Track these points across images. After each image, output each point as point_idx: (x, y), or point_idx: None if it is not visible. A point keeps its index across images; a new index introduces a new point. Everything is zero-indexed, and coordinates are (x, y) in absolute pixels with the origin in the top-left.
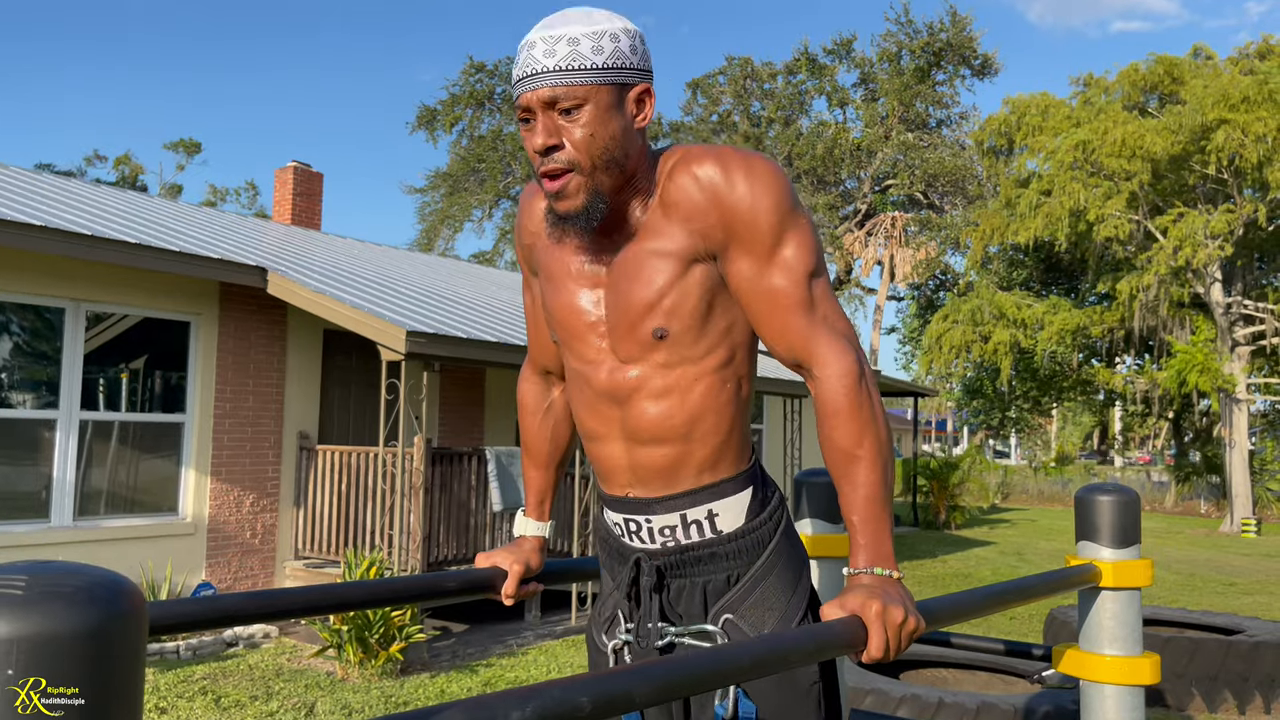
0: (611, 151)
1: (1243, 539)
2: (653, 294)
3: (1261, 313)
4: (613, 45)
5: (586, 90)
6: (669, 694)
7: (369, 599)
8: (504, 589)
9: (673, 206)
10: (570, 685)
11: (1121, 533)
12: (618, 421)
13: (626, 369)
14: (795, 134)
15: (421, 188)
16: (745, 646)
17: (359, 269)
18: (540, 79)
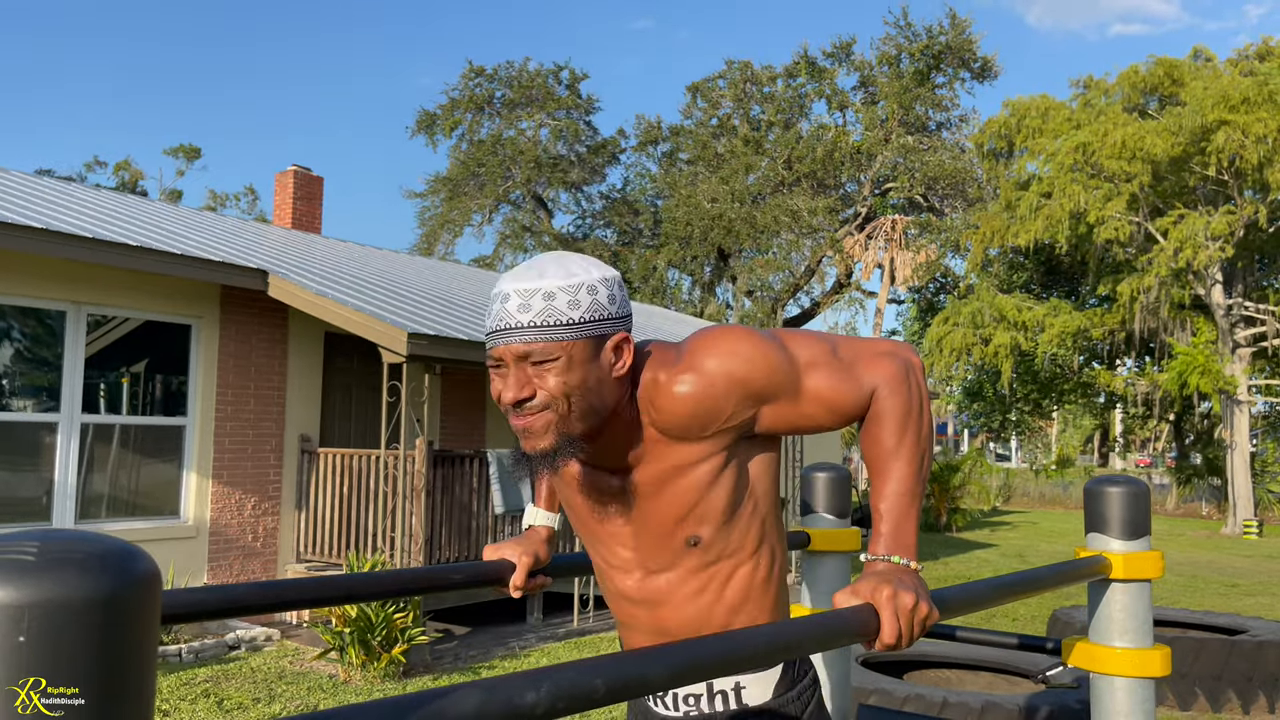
0: (587, 400)
1: (1244, 540)
2: (681, 508)
3: (1262, 314)
4: (590, 298)
5: (561, 346)
6: (683, 679)
7: (377, 590)
8: (513, 581)
9: (670, 430)
10: (584, 667)
11: (1131, 524)
12: (648, 620)
13: (657, 577)
14: (795, 137)
15: (421, 192)
16: (757, 633)
17: (360, 272)
18: (513, 334)
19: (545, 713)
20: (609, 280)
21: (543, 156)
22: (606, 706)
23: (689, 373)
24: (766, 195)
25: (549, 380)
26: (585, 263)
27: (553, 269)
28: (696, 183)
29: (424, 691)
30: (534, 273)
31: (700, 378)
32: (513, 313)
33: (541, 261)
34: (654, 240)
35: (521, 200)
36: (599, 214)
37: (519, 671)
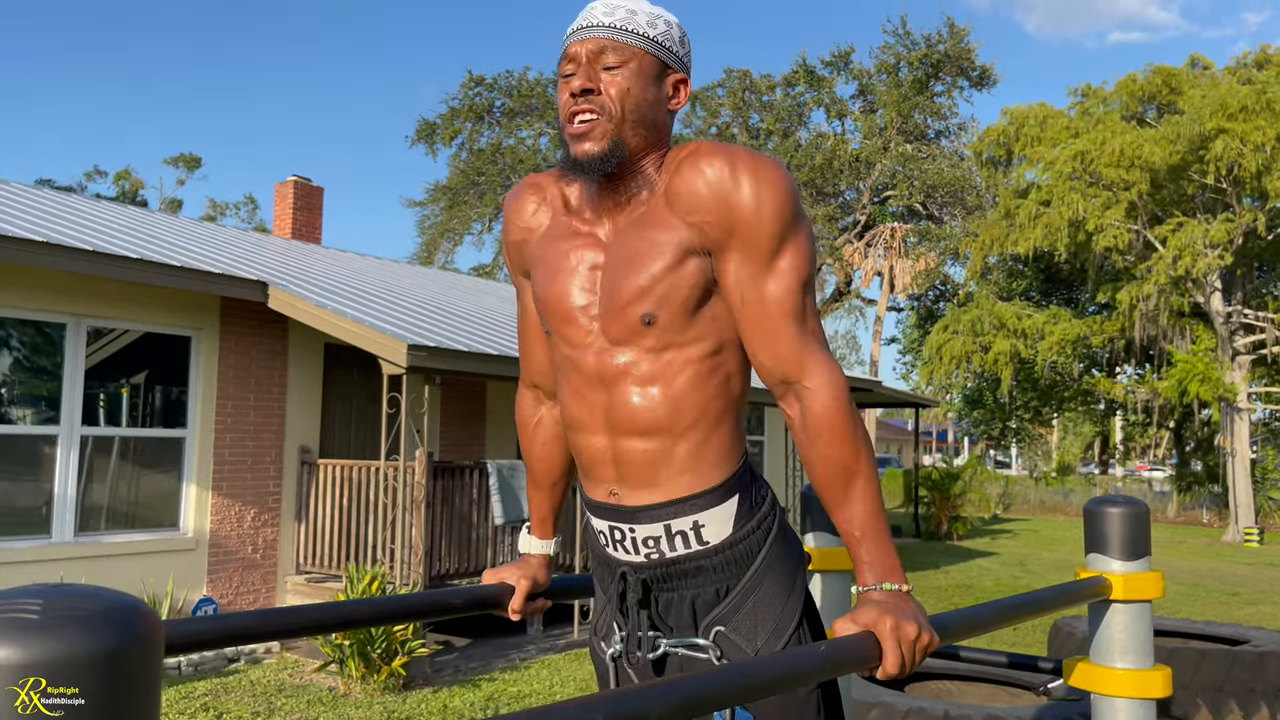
0: (643, 111)
1: (1245, 548)
2: (645, 280)
3: (1262, 322)
4: (665, 27)
5: (633, 51)
6: (686, 712)
7: (376, 616)
8: (511, 605)
9: (676, 197)
10: (586, 705)
11: (1131, 545)
12: (602, 409)
13: (615, 352)
14: (794, 145)
15: (421, 201)
16: (761, 664)
17: (360, 283)
18: (593, 30)
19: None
20: (682, 27)
21: (542, 165)
22: None
23: (723, 158)
24: None
25: (613, 84)
26: (664, 8)
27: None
28: None
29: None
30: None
31: (725, 167)
32: (598, 14)
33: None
34: None
35: None
36: None
37: (520, 712)
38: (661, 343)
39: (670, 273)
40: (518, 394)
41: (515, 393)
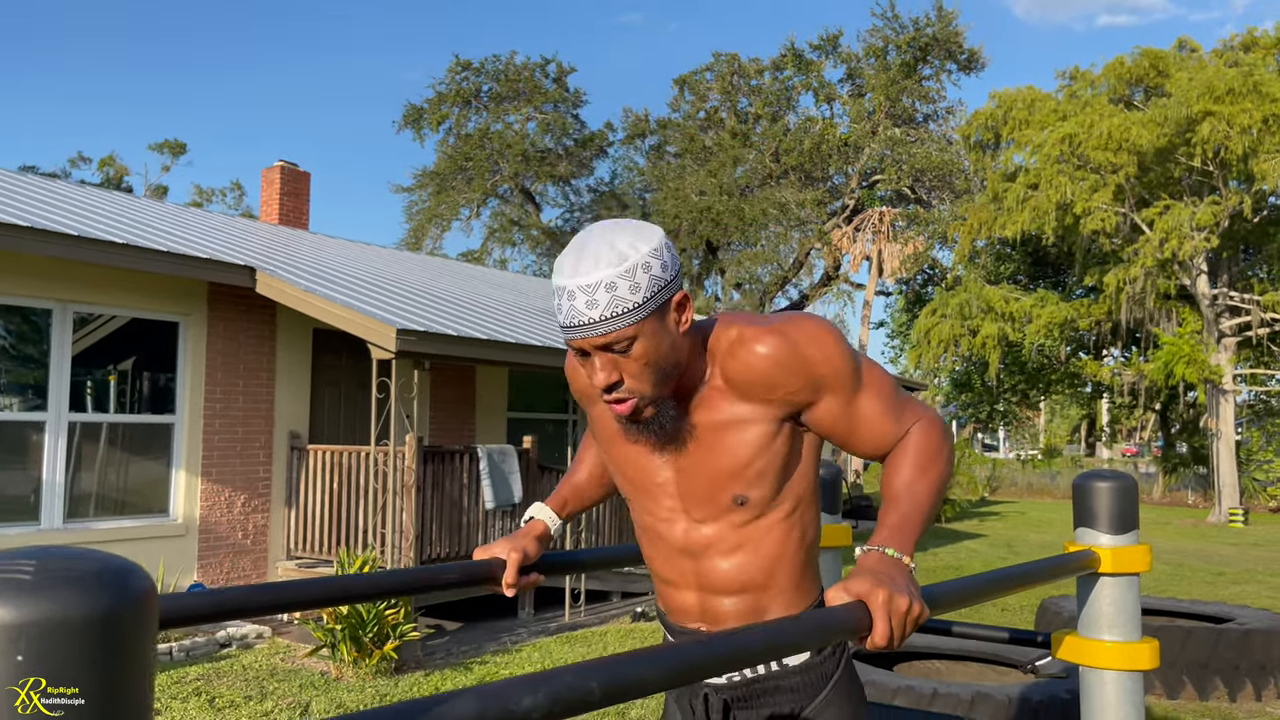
0: (665, 365)
1: (1230, 529)
2: (737, 463)
3: (1247, 304)
4: (646, 276)
5: (635, 329)
6: (680, 679)
7: (371, 591)
8: (505, 579)
9: (740, 382)
10: (581, 670)
11: (1120, 519)
12: (692, 574)
13: (701, 527)
14: (782, 130)
15: (409, 186)
16: (754, 631)
17: (348, 268)
18: (588, 329)
19: (542, 716)
20: (656, 249)
21: (530, 150)
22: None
23: (776, 337)
24: (754, 188)
25: (631, 360)
26: (632, 237)
27: (605, 255)
28: (684, 175)
29: (419, 699)
30: (588, 263)
31: (784, 344)
32: (582, 310)
33: (592, 248)
34: None
35: (509, 194)
36: (587, 207)
37: (515, 677)
38: (749, 516)
39: (765, 450)
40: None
41: (504, 376)
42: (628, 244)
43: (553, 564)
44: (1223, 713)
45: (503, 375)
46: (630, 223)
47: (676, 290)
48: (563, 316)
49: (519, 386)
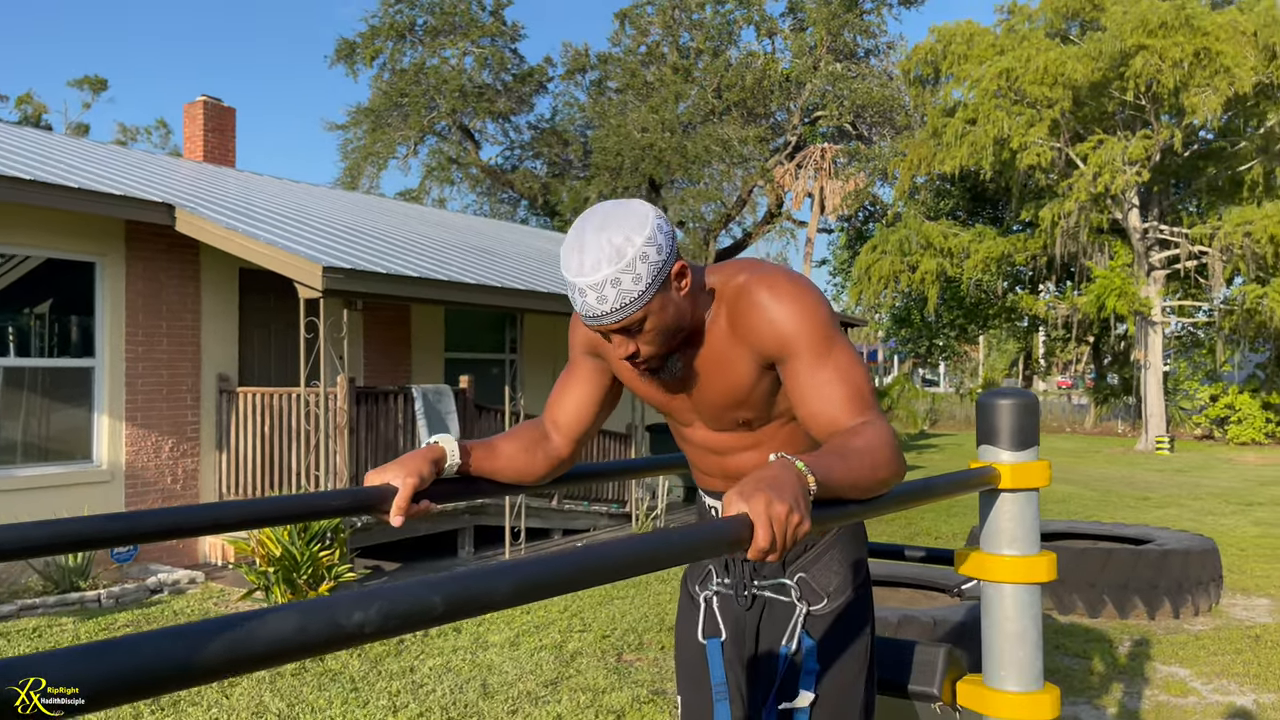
0: (674, 329)
1: (1157, 456)
2: (737, 395)
3: (1176, 237)
4: (645, 265)
5: (642, 311)
6: (533, 594)
7: (244, 519)
8: (395, 504)
9: (738, 328)
10: (424, 584)
11: (1020, 435)
12: (718, 467)
13: (721, 436)
14: (724, 65)
15: (343, 124)
16: (621, 546)
17: (275, 206)
18: (603, 319)
19: (375, 632)
20: (650, 236)
21: (468, 86)
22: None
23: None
24: (697, 124)
25: (645, 334)
26: (626, 230)
27: (606, 253)
28: (626, 112)
29: (238, 614)
30: (590, 263)
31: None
32: (594, 305)
33: (592, 248)
34: (584, 171)
35: (447, 131)
36: (528, 145)
37: (348, 592)
38: (757, 424)
39: (754, 386)
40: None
41: (440, 316)
42: (623, 238)
43: (447, 490)
44: (1141, 630)
45: (439, 315)
46: (621, 210)
47: (673, 263)
48: (579, 309)
49: (457, 326)
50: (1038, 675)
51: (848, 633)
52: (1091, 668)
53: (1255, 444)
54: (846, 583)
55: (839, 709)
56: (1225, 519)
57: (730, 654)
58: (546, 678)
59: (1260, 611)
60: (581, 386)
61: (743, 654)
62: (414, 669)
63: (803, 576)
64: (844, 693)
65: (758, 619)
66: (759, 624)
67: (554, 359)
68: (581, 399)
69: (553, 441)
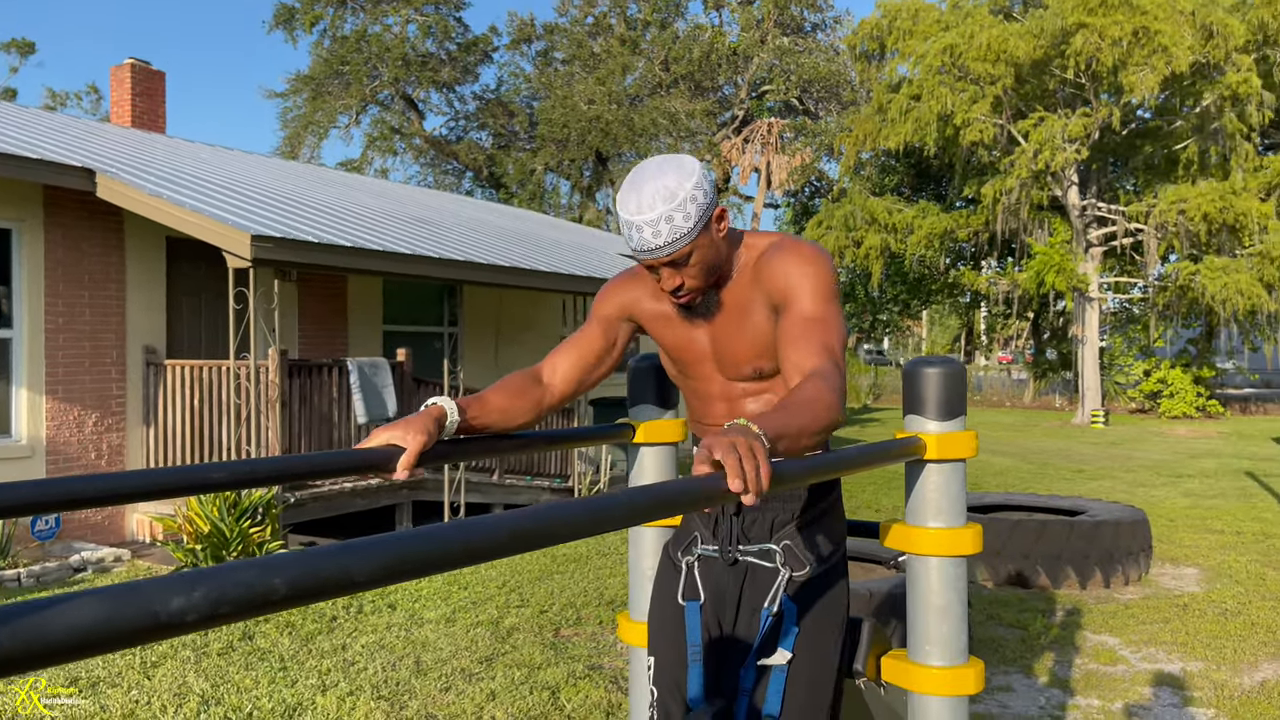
0: (714, 266)
1: (1092, 429)
2: (757, 345)
3: (1113, 214)
4: (693, 206)
5: (691, 246)
6: (397, 572)
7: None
8: (402, 461)
9: (761, 279)
10: (264, 565)
11: (947, 404)
12: (727, 412)
13: (733, 385)
14: (672, 37)
15: (282, 92)
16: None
17: (206, 173)
18: (657, 252)
19: (200, 620)
20: (698, 182)
21: (411, 54)
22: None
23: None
24: (644, 97)
25: (690, 267)
26: (678, 175)
27: (661, 194)
28: (573, 83)
29: (36, 600)
30: (648, 202)
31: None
32: (649, 239)
33: (649, 189)
34: (530, 143)
35: (390, 100)
36: (472, 115)
37: (171, 574)
38: (768, 374)
39: (769, 336)
40: (535, 366)
41: (378, 287)
42: (676, 182)
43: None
44: (1074, 599)
45: (377, 287)
46: (673, 162)
47: (715, 207)
48: (635, 244)
49: (395, 299)
50: (962, 649)
51: (827, 598)
52: (1024, 637)
53: (1186, 418)
54: (828, 553)
55: (814, 669)
56: (1156, 490)
57: (708, 617)
58: (482, 654)
59: (1188, 581)
60: (593, 343)
61: (721, 618)
62: (346, 646)
63: (788, 544)
64: (820, 654)
65: (740, 584)
66: (741, 589)
67: (495, 332)
68: (588, 352)
69: (545, 387)
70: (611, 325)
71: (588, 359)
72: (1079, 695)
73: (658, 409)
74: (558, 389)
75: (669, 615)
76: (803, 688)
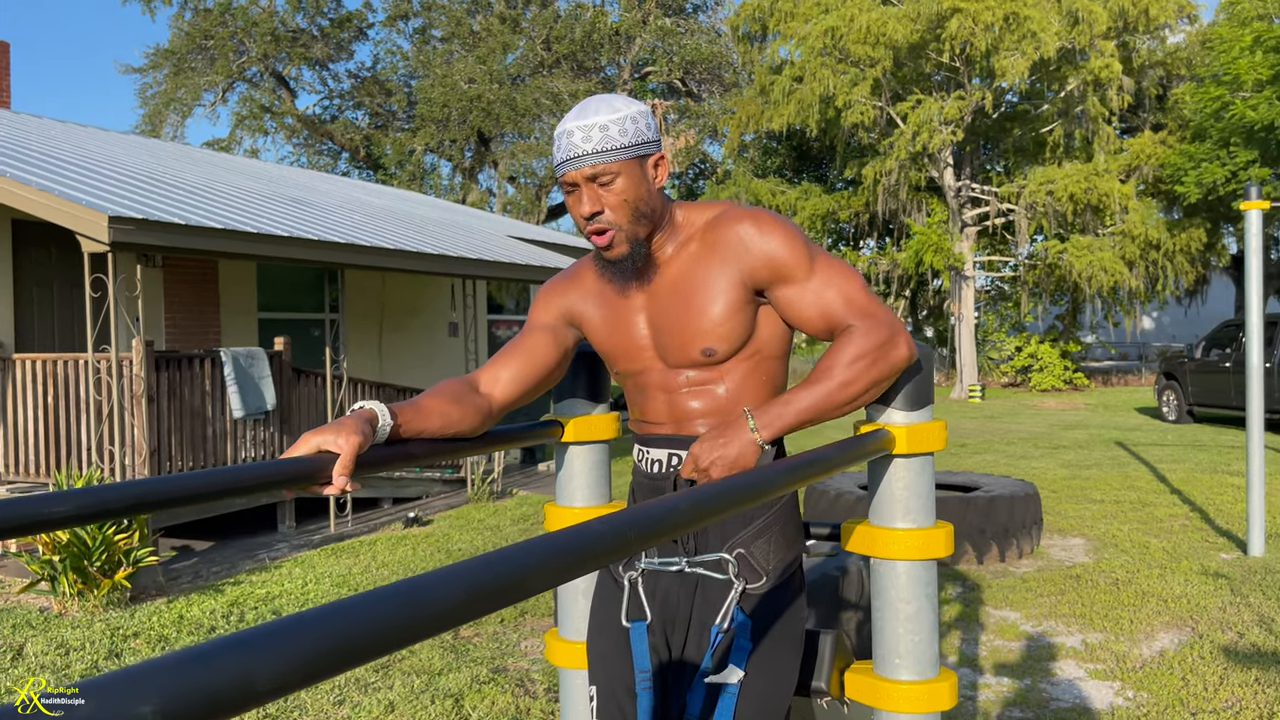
0: (641, 209)
1: (970, 404)
2: (711, 320)
3: (986, 195)
4: (634, 127)
5: (619, 165)
6: (315, 674)
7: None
8: (337, 466)
9: (720, 253)
10: (127, 683)
11: (915, 393)
12: (668, 405)
13: (675, 374)
14: (553, 16)
15: (140, 67)
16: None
17: (56, 150)
18: (582, 160)
19: None
20: (644, 113)
21: (280, 29)
22: None
23: (751, 221)
24: (526, 77)
25: (612, 194)
26: (626, 101)
27: (604, 108)
28: (452, 62)
29: None
30: (589, 111)
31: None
32: (578, 144)
33: (594, 102)
34: (409, 123)
35: (259, 78)
36: (348, 94)
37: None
38: (720, 357)
39: (733, 312)
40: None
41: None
42: (623, 103)
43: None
44: (972, 575)
45: (250, 272)
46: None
47: (656, 151)
48: (560, 153)
49: (272, 285)
50: (934, 661)
51: (783, 612)
52: None
53: (1055, 390)
54: (784, 562)
55: (769, 688)
56: (1036, 462)
57: (656, 639)
58: (377, 661)
59: (1077, 551)
60: (545, 354)
61: (670, 638)
62: None
63: (741, 553)
64: (775, 673)
65: (690, 598)
66: (692, 603)
67: (379, 318)
68: (539, 363)
69: (483, 395)
70: (560, 333)
71: (537, 371)
72: (988, 674)
73: (588, 403)
74: (498, 400)
75: (613, 642)
76: (755, 709)
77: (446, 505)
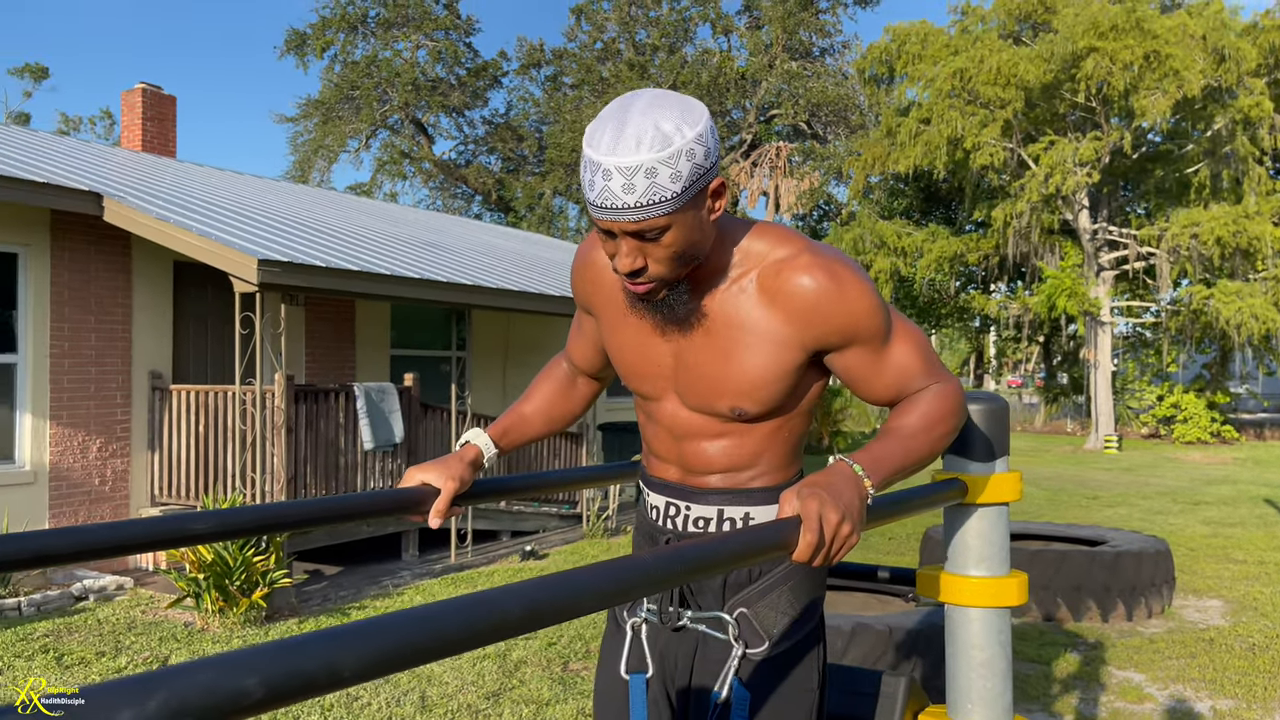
0: (692, 255)
1: (1105, 455)
2: (744, 381)
3: (1124, 238)
4: (689, 165)
5: (669, 219)
6: (393, 665)
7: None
8: (435, 507)
9: (782, 304)
10: (234, 664)
11: (989, 445)
12: (675, 453)
13: (691, 417)
14: (680, 62)
15: (293, 116)
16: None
17: (214, 197)
18: (621, 214)
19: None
20: (702, 134)
21: (421, 79)
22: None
23: (827, 276)
24: None
25: (659, 248)
26: (678, 118)
27: (650, 136)
28: (581, 108)
29: None
30: (629, 143)
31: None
32: (617, 193)
33: (634, 125)
34: (539, 167)
35: (400, 125)
36: (481, 139)
37: (124, 678)
38: (748, 417)
39: (773, 370)
40: (558, 361)
41: (385, 311)
42: (673, 126)
43: (482, 490)
44: (1096, 632)
45: (385, 311)
46: (675, 98)
47: (714, 177)
48: (594, 194)
49: (403, 323)
50: (1007, 708)
51: (789, 685)
52: (1047, 673)
53: (1201, 443)
54: (794, 626)
55: None
56: (1174, 518)
57: (655, 692)
58: (489, 689)
59: (1212, 614)
60: (590, 334)
61: (671, 694)
62: None
63: (744, 612)
64: None
65: (691, 654)
66: (693, 660)
67: (504, 356)
68: (593, 345)
69: (580, 381)
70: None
71: (598, 353)
72: None
73: None
74: (591, 384)
75: (613, 691)
76: None
77: (563, 540)
